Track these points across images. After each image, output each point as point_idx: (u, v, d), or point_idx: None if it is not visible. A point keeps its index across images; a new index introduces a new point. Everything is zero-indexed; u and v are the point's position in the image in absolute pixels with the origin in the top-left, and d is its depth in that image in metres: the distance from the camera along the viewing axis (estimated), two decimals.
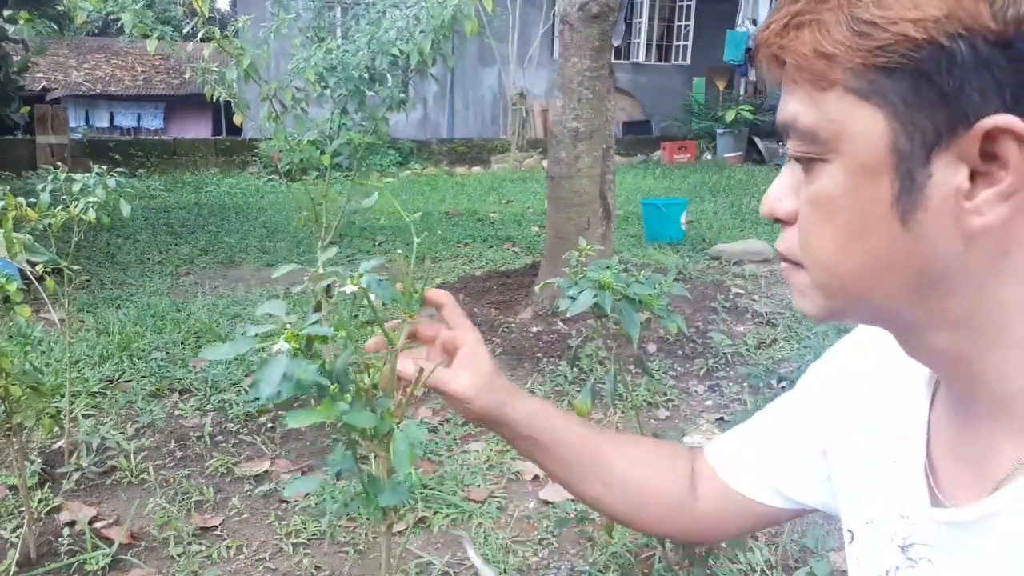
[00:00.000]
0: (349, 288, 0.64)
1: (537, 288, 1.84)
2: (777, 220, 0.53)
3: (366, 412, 0.64)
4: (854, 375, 0.68)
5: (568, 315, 1.43)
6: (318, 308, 0.68)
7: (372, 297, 0.65)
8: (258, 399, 0.58)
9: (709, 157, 11.51)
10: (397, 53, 3.38)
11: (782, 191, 0.53)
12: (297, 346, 0.59)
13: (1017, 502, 0.48)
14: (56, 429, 2.41)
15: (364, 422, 0.63)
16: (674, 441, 0.85)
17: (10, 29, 7.86)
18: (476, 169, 11.27)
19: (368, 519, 2.19)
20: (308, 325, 0.61)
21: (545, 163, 5.74)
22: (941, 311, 0.48)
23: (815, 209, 0.49)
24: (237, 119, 3.53)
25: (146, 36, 3.29)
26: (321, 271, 0.65)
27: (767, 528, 2.03)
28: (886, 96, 0.44)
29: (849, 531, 0.66)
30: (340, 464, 0.71)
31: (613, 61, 4.09)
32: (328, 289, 0.67)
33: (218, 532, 2.22)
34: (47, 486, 2.38)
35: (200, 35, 3.04)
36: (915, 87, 0.43)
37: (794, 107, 0.48)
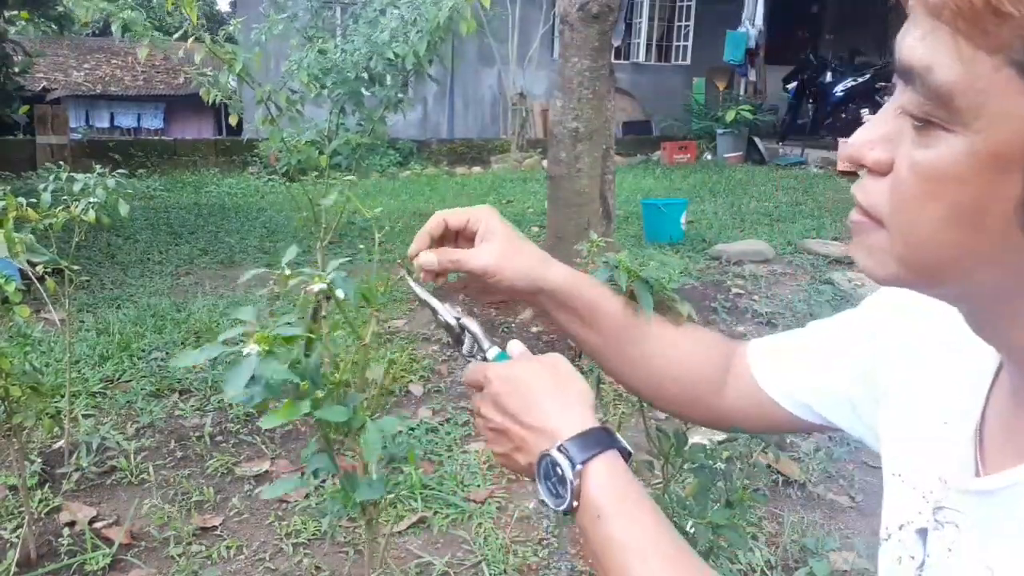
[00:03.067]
0: (316, 286, 0.64)
1: None
2: (861, 167, 0.46)
3: (337, 407, 0.64)
4: (923, 320, 0.63)
5: None
6: (316, 311, 0.67)
7: (340, 294, 0.65)
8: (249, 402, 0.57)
9: (709, 157, 11.49)
10: (392, 56, 3.37)
11: (875, 137, 0.45)
12: (267, 348, 0.59)
13: None
14: (56, 429, 2.41)
15: (335, 417, 0.63)
16: (715, 332, 0.87)
17: (11, 31, 7.87)
18: (476, 169, 11.25)
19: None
20: (279, 326, 0.61)
21: (545, 163, 5.73)
22: None
23: (921, 181, 0.42)
24: (233, 120, 3.53)
25: (141, 36, 3.29)
26: (287, 272, 0.65)
27: (792, 433, 1.98)
28: None
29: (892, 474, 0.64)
30: (315, 461, 0.70)
31: (613, 61, 4.09)
32: (327, 294, 0.67)
33: (218, 532, 2.22)
34: (47, 486, 2.38)
35: (190, 40, 3.03)
36: None
37: (931, 53, 0.40)
